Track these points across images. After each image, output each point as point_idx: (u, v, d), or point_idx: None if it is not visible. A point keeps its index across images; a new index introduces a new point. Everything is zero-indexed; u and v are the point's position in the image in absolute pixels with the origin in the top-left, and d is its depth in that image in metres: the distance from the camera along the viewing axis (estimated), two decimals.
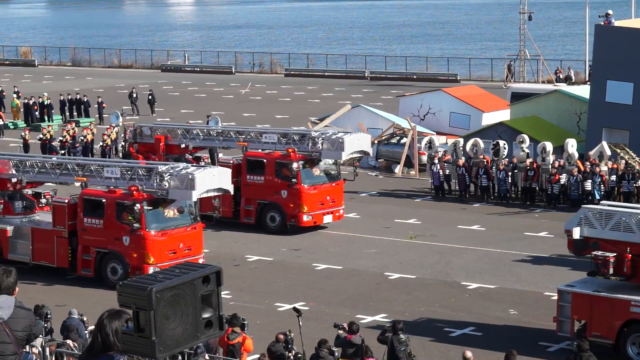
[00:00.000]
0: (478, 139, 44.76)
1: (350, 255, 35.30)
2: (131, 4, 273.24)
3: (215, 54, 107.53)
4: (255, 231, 38.34)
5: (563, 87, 56.12)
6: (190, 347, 15.95)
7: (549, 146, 43.07)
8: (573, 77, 76.71)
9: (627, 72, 44.68)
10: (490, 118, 54.12)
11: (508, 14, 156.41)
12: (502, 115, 53.25)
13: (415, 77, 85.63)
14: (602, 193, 40.66)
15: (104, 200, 31.80)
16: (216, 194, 32.23)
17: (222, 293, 7.64)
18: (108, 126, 54.93)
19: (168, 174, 30.96)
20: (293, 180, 37.87)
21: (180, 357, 18.46)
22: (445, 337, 27.00)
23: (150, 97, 70.00)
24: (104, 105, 66.73)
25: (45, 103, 66.87)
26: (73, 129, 54.01)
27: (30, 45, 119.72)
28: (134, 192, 31.17)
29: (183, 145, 41.13)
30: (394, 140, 51.13)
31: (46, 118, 65.96)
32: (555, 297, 25.87)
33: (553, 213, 40.83)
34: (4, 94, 73.32)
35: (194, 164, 34.32)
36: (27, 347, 10.14)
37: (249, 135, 39.83)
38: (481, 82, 77.73)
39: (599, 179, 40.68)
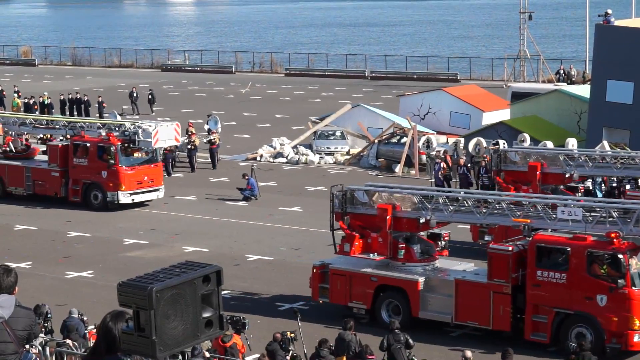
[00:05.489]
0: (481, 139, 44.81)
1: None
2: (131, 4, 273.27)
3: (215, 53, 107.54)
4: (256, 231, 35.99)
5: (563, 86, 56.18)
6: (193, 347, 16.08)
7: (550, 145, 43.07)
8: (574, 76, 76.51)
9: (627, 72, 44.70)
10: (490, 117, 54.16)
11: (508, 14, 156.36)
12: (503, 114, 53.30)
13: (415, 76, 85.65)
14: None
15: (568, 249, 25.39)
16: None
17: (223, 292, 7.64)
18: None
19: None
20: None
21: (180, 357, 18.46)
22: (445, 337, 27.00)
23: (150, 96, 70.09)
24: (104, 104, 66.82)
25: (46, 102, 66.94)
26: None
27: (31, 45, 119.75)
28: (614, 240, 24.84)
29: (567, 175, 34.61)
30: (394, 140, 51.15)
31: None
32: None
33: None
34: (5, 93, 73.38)
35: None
36: (27, 346, 10.13)
37: None
38: (481, 82, 77.73)
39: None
